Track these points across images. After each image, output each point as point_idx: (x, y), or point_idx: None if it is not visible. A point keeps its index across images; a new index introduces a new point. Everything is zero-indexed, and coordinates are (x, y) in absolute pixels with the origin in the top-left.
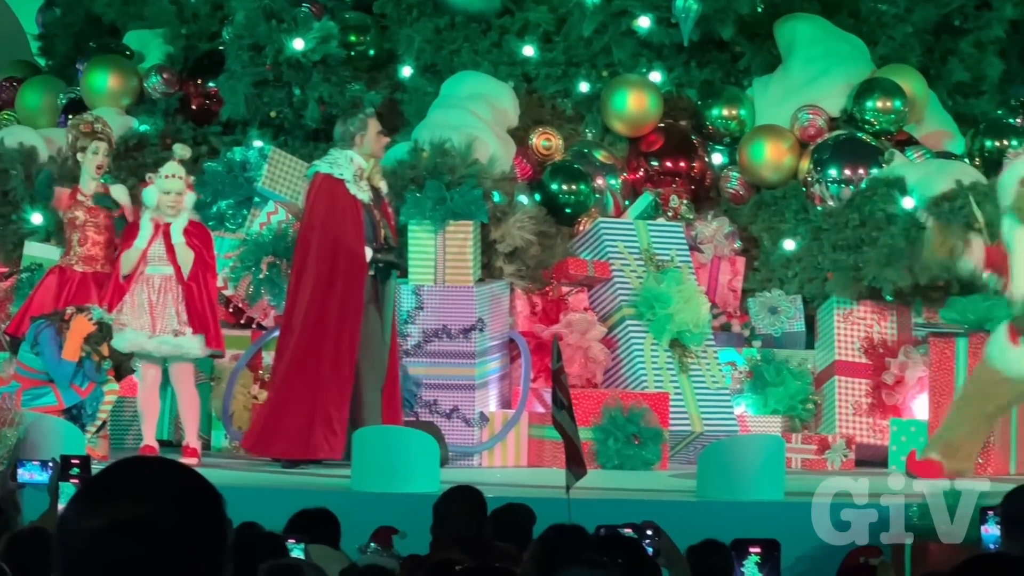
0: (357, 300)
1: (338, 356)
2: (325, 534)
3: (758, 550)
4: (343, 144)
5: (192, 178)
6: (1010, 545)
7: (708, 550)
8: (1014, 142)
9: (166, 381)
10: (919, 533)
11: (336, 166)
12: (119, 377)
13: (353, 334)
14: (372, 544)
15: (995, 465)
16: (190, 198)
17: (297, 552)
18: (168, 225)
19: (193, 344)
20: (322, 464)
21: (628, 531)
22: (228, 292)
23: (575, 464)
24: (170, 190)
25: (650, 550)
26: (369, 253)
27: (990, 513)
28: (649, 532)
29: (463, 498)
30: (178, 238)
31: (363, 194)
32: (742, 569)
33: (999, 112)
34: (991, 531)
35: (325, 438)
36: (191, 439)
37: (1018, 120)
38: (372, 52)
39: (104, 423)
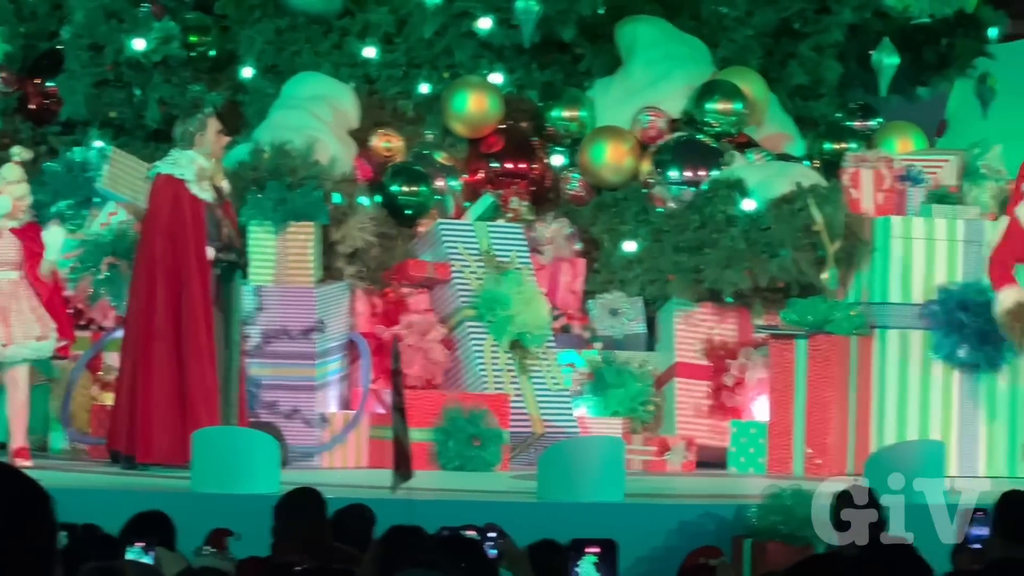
0: (205, 299)
1: (199, 357)
2: (161, 537)
3: (596, 550)
4: (183, 144)
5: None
6: (1000, 546)
7: (545, 550)
8: (853, 145)
9: None
10: (757, 534)
11: (177, 166)
12: None
13: (209, 334)
14: (207, 547)
15: (832, 465)
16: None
17: (135, 555)
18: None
19: (51, 345)
20: (164, 465)
21: (470, 532)
22: (68, 293)
23: (402, 466)
24: (22, 195)
25: (492, 552)
26: (211, 252)
27: (979, 514)
28: (491, 534)
29: (303, 499)
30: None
31: (205, 194)
32: (576, 569)
33: (838, 115)
34: (979, 531)
35: None
36: (22, 440)
37: (856, 123)
38: (213, 53)
39: None
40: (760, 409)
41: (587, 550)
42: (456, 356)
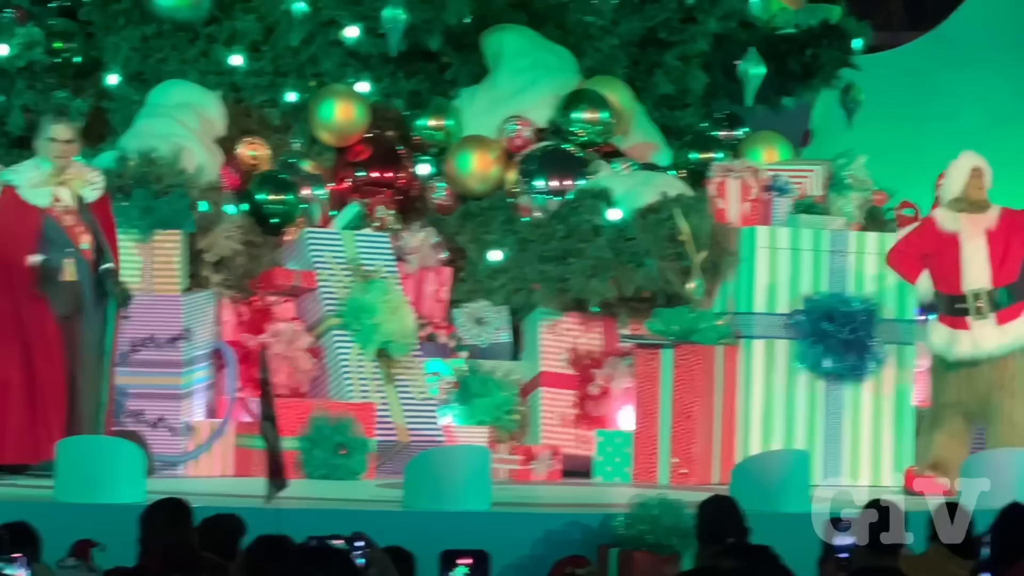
0: (38, 305)
1: (40, 360)
2: (25, 549)
3: (468, 561)
4: (36, 150)
5: None
6: (866, 554)
7: (392, 558)
8: (719, 155)
9: None
10: (624, 543)
11: (15, 172)
12: None
13: (51, 338)
14: (71, 558)
15: (698, 474)
16: None
17: (10, 570)
18: None
19: None
20: (26, 474)
21: (338, 542)
22: None
23: (276, 475)
24: None
25: (360, 561)
26: (34, 259)
27: (844, 524)
28: (359, 543)
29: (169, 509)
30: None
31: (41, 199)
32: None
33: (703, 125)
34: (845, 540)
35: (50, 440)
36: None
37: (722, 133)
38: (78, 59)
39: None
40: (625, 418)
41: (458, 561)
42: (322, 365)
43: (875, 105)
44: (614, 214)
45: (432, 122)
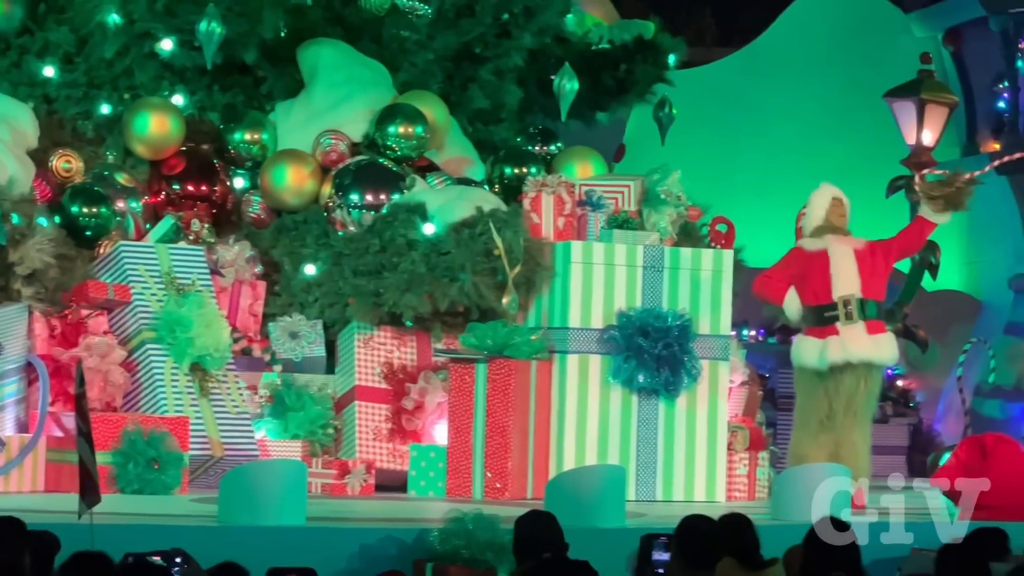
0: None
1: None
2: None
3: None
4: None
5: None
6: (680, 569)
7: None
8: (533, 169)
9: None
10: (439, 558)
11: None
12: None
13: None
14: None
15: (512, 489)
16: None
17: None
18: None
19: None
20: None
21: (156, 558)
22: None
23: (89, 491)
24: None
25: None
26: None
27: (662, 539)
28: (178, 559)
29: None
30: None
31: None
32: None
33: (518, 139)
34: (660, 556)
35: None
36: None
37: (536, 147)
38: None
39: None
40: (440, 433)
41: None
42: (136, 379)
43: (689, 120)
44: (428, 228)
45: (247, 136)
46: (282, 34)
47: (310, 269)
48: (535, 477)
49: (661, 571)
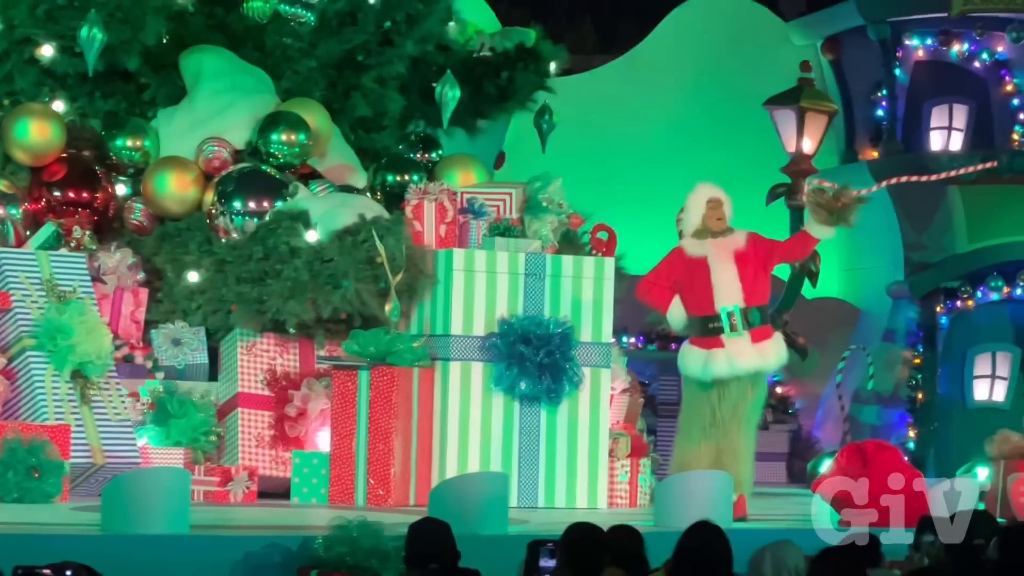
0: None
1: None
2: None
3: None
4: None
5: None
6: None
7: None
8: (415, 176)
9: None
10: (323, 565)
11: None
12: None
13: None
14: None
15: (395, 496)
16: None
17: None
18: None
19: None
20: None
21: (46, 572)
22: None
23: None
24: None
25: None
26: None
27: (547, 546)
28: (68, 572)
29: None
30: None
31: None
32: None
33: (400, 147)
34: (547, 563)
35: None
36: None
37: (418, 155)
38: None
39: None
40: (323, 440)
41: None
42: (16, 386)
43: (570, 128)
44: (311, 236)
45: (129, 142)
46: (164, 41)
47: (193, 276)
48: (418, 484)
49: None
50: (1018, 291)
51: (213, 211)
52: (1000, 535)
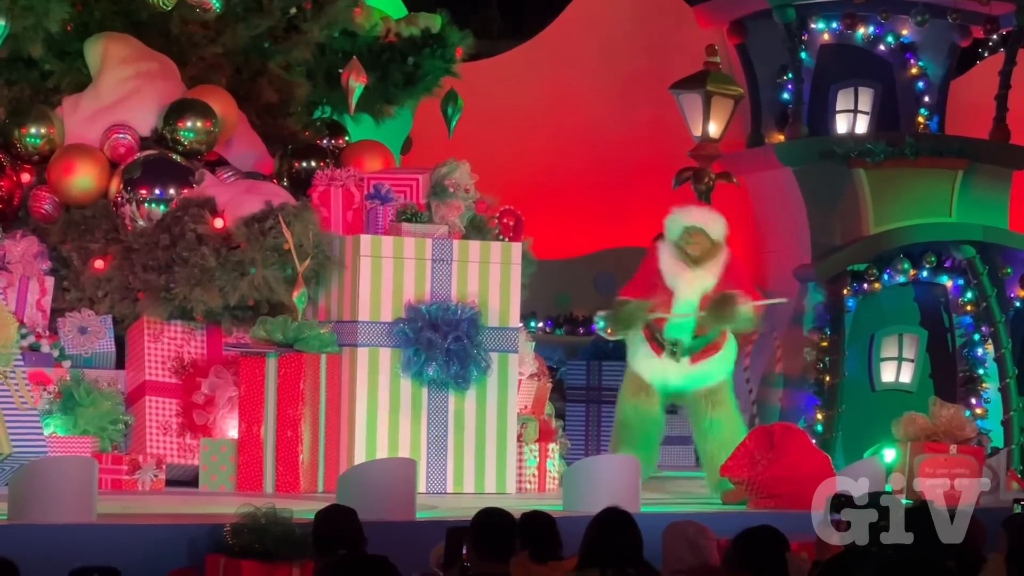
0: None
1: None
2: None
3: None
4: None
5: None
6: (477, 561)
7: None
8: (322, 163)
9: None
10: (231, 553)
11: None
12: None
13: None
14: None
15: (304, 483)
16: None
17: None
18: None
19: None
20: None
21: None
22: None
23: None
24: None
25: None
26: None
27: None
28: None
29: None
30: None
31: None
32: None
33: (307, 133)
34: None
35: None
36: None
37: (325, 141)
38: None
39: None
40: (231, 427)
41: None
42: None
43: (476, 113)
44: (218, 223)
45: (34, 130)
46: (69, 28)
47: (99, 264)
48: (326, 471)
49: (469, 564)
50: (924, 273)
51: (119, 199)
52: (905, 516)
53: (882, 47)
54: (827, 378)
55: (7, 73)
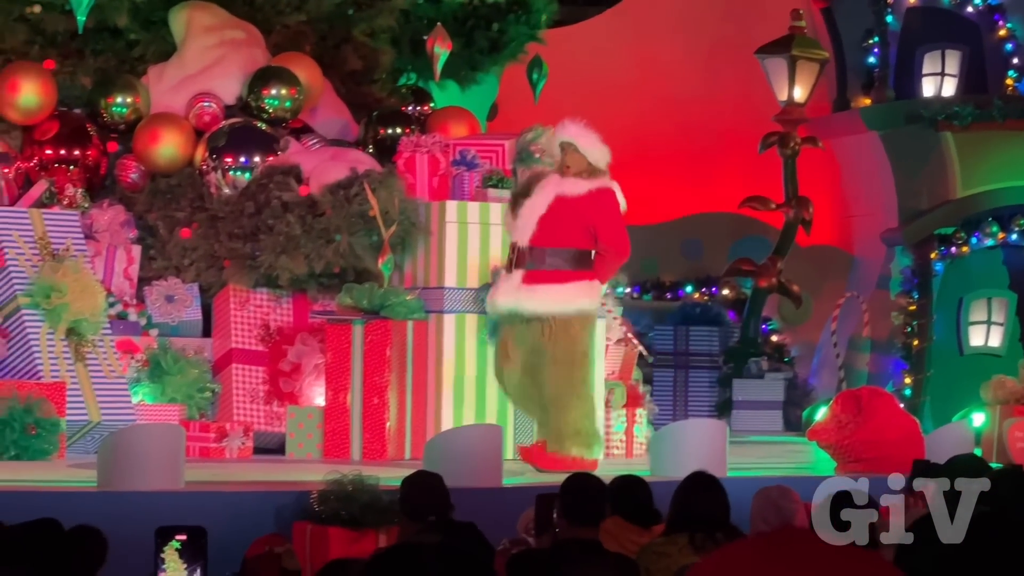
0: None
1: None
2: None
3: (183, 537)
4: None
5: None
6: (567, 527)
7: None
8: (407, 130)
9: None
10: (318, 520)
11: None
12: None
13: None
14: None
15: (391, 450)
16: None
17: None
18: None
19: None
20: None
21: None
22: None
23: None
24: None
25: None
26: None
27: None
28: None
29: None
30: None
31: None
32: (162, 555)
33: (392, 100)
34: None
35: None
36: None
37: (410, 107)
38: None
39: None
40: (317, 394)
41: (176, 536)
42: (11, 345)
43: (561, 79)
44: (303, 190)
45: (120, 99)
46: None
47: (185, 232)
48: (413, 437)
49: (559, 530)
50: (1013, 236)
51: (204, 167)
52: (996, 480)
53: (969, 9)
54: (915, 342)
55: (93, 43)
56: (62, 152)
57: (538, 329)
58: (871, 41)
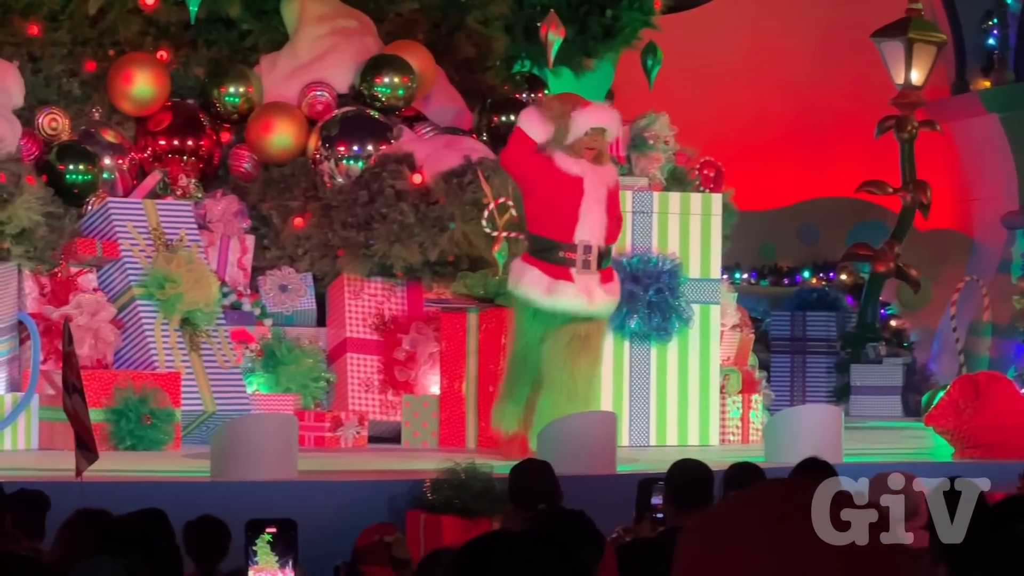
0: None
1: None
2: None
3: (273, 530)
4: None
5: None
6: (675, 513)
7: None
8: None
9: None
10: (432, 509)
11: None
12: None
13: None
14: None
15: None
16: None
17: None
18: None
19: None
20: None
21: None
22: None
23: (86, 448)
24: None
25: None
26: None
27: (659, 484)
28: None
29: None
30: None
31: None
32: (254, 548)
33: (505, 87)
34: (658, 501)
35: None
36: None
37: (524, 95)
38: None
39: None
40: (432, 383)
41: (266, 529)
42: (126, 335)
43: (676, 65)
44: (417, 178)
45: (233, 89)
46: None
47: (299, 221)
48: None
49: (660, 515)
50: None
51: (317, 156)
52: None
53: None
54: None
55: (206, 34)
56: (175, 143)
57: (596, 327)
58: (990, 23)
